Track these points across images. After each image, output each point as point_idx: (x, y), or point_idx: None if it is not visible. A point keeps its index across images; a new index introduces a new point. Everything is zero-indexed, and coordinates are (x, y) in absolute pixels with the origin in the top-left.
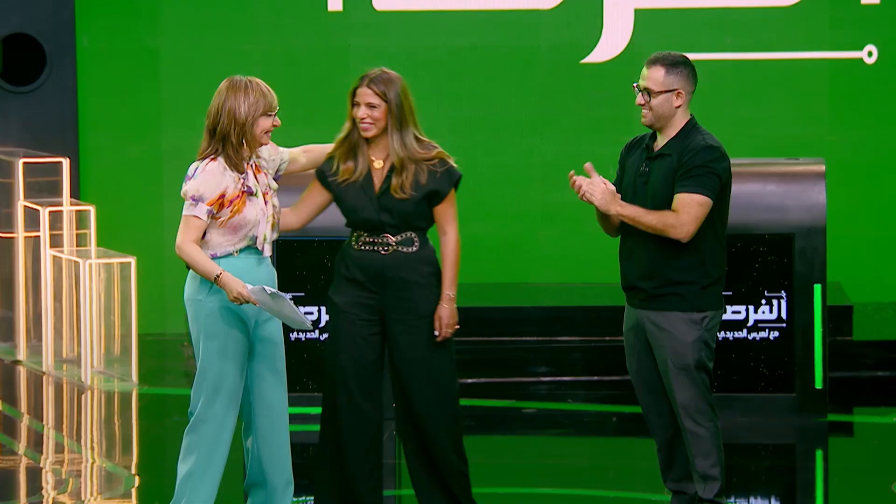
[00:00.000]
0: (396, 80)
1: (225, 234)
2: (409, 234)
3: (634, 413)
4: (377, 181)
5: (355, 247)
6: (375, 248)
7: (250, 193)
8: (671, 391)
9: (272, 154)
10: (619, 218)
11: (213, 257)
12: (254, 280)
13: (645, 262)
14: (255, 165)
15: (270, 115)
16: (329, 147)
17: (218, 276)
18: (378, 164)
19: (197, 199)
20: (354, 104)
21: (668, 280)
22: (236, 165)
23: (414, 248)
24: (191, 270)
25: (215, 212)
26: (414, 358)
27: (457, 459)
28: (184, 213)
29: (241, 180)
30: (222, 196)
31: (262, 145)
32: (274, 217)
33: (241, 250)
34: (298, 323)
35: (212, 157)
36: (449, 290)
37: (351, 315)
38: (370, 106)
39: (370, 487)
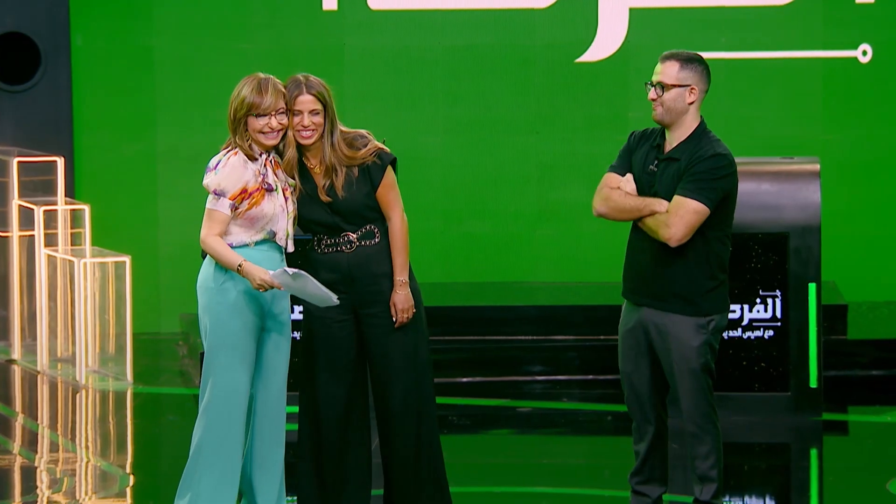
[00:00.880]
0: (323, 82)
1: (242, 226)
2: (367, 227)
3: None
4: (320, 184)
5: (318, 250)
6: (339, 248)
7: (269, 189)
8: (675, 393)
9: None
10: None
11: (230, 247)
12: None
13: (651, 263)
14: (275, 161)
15: (260, 117)
16: None
17: (240, 266)
18: (318, 168)
19: (219, 194)
20: (296, 112)
21: (674, 282)
22: (248, 154)
23: (376, 241)
24: (206, 258)
25: (237, 205)
26: (389, 348)
27: (427, 446)
28: (207, 206)
29: (261, 175)
30: (244, 190)
31: (265, 145)
32: (295, 213)
33: (257, 242)
34: (324, 300)
35: (233, 150)
36: (400, 275)
37: (325, 318)
38: (314, 112)
39: (359, 482)
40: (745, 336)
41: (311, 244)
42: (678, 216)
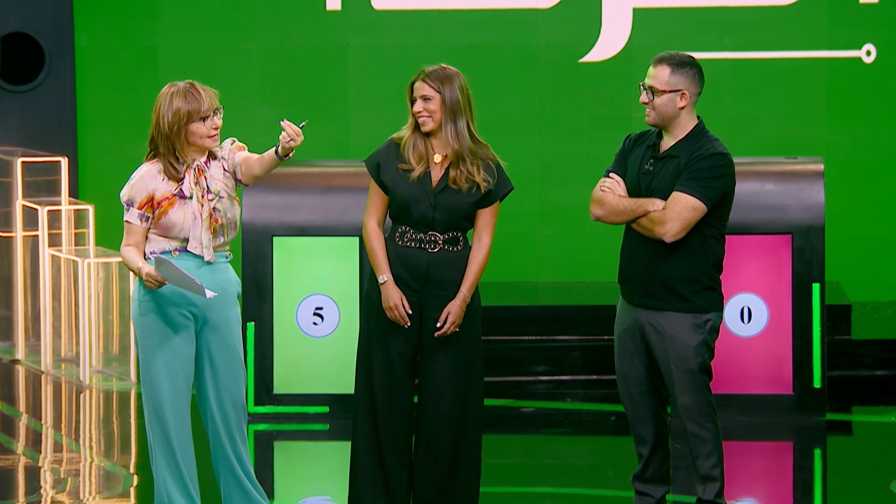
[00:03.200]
0: (453, 75)
1: (158, 234)
2: (455, 233)
3: None
4: (435, 176)
5: (400, 243)
6: (423, 245)
7: (182, 197)
8: (673, 394)
9: (231, 156)
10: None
11: (153, 254)
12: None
13: (647, 263)
14: (198, 169)
15: (204, 120)
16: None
17: (139, 269)
18: (437, 157)
19: (129, 204)
20: (413, 100)
21: (671, 280)
22: (172, 175)
23: (458, 248)
24: None
25: (148, 214)
26: (447, 358)
27: (471, 465)
28: (123, 217)
29: (178, 184)
30: (151, 198)
31: (206, 149)
32: (215, 221)
33: (179, 250)
34: (197, 289)
35: (151, 160)
36: (467, 291)
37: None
38: (425, 98)
39: (403, 482)
40: (749, 336)
41: (393, 234)
42: (675, 212)
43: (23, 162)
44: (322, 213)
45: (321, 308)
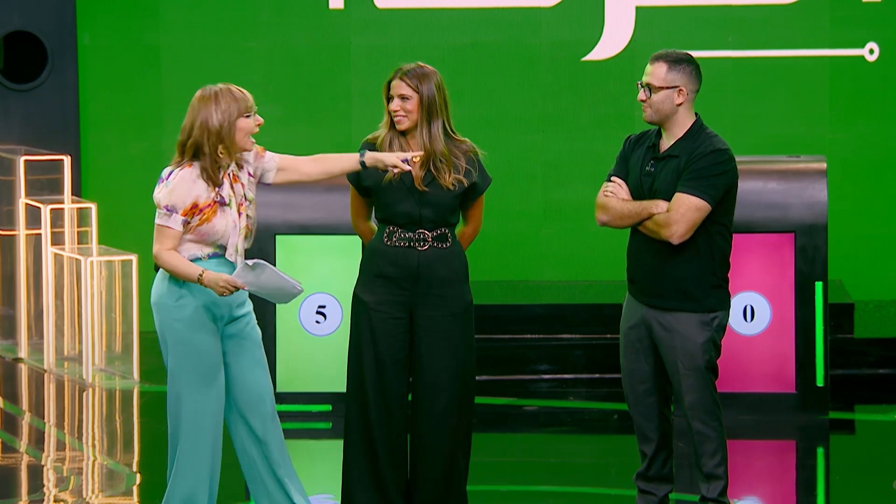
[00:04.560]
0: (430, 74)
1: (192, 240)
2: (443, 229)
3: None
4: (416, 174)
5: (388, 243)
6: (412, 244)
7: (223, 204)
8: (679, 392)
9: (257, 161)
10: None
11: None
12: None
13: (654, 262)
14: (233, 175)
15: (249, 116)
16: (340, 157)
17: (201, 276)
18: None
19: (171, 210)
20: (389, 98)
21: (679, 280)
22: (212, 178)
23: (447, 244)
24: (158, 274)
25: (188, 220)
26: (441, 356)
27: (462, 458)
28: (157, 221)
29: (216, 189)
30: (195, 205)
31: (246, 150)
32: (248, 228)
33: (210, 256)
34: (288, 291)
35: (187, 163)
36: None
37: (382, 314)
38: (402, 98)
39: (397, 482)
40: (751, 334)
41: (381, 234)
42: (679, 213)
43: (25, 160)
44: (325, 211)
45: (324, 307)
